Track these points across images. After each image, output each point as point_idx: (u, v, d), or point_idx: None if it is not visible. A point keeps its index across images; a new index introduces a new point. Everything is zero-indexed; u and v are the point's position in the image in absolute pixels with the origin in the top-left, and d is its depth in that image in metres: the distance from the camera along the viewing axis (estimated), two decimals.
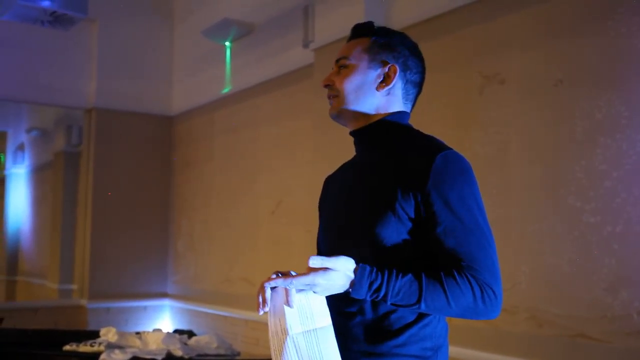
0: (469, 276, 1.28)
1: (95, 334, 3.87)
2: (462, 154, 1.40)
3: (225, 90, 5.22)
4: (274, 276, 1.30)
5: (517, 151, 2.90)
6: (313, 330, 1.26)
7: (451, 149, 1.37)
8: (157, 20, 5.99)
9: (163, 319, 5.89)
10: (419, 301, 1.27)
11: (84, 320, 5.52)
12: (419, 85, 1.53)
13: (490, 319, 1.33)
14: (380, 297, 1.28)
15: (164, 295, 5.93)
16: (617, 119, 2.50)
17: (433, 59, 3.32)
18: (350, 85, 1.46)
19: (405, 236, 1.34)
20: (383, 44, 1.48)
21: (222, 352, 3.71)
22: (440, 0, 3.30)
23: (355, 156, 1.58)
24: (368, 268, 1.28)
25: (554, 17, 2.80)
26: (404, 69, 1.48)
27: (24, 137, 9.30)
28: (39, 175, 8.91)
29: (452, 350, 3.01)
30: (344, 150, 1.63)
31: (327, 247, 1.51)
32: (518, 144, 2.90)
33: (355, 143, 1.54)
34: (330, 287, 1.27)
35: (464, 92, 3.16)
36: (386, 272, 1.28)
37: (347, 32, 1.57)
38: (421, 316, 1.36)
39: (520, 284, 2.83)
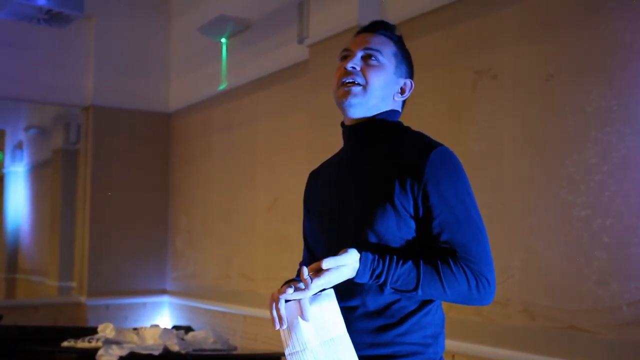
0: (464, 266, 1.34)
1: (93, 330, 3.89)
2: (456, 149, 1.44)
3: (222, 87, 5.23)
4: (289, 289, 1.29)
5: (509, 146, 2.92)
6: (330, 339, 1.29)
7: (444, 145, 1.42)
8: (154, 18, 6.00)
9: (162, 316, 5.92)
10: (416, 288, 1.33)
11: (83, 318, 5.55)
12: None
13: (484, 306, 1.40)
14: (380, 282, 1.34)
15: (163, 291, 5.96)
16: (607, 113, 2.52)
17: (426, 54, 3.35)
18: (379, 81, 1.47)
19: (404, 229, 1.38)
20: (405, 55, 1.54)
21: (218, 346, 3.73)
22: None
23: (342, 151, 1.60)
24: (370, 256, 1.33)
25: (545, 12, 2.82)
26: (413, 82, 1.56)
27: (22, 135, 9.32)
28: (38, 173, 8.93)
29: (449, 343, 3.03)
30: (340, 145, 1.64)
31: (324, 241, 1.52)
32: (510, 139, 2.92)
33: (346, 136, 1.55)
34: (339, 280, 1.32)
35: (457, 88, 3.18)
36: (387, 259, 1.34)
37: (341, 28, 1.59)
38: (422, 305, 1.41)
39: (513, 277, 2.85)
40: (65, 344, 3.66)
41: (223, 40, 5.16)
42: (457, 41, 3.22)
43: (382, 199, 1.39)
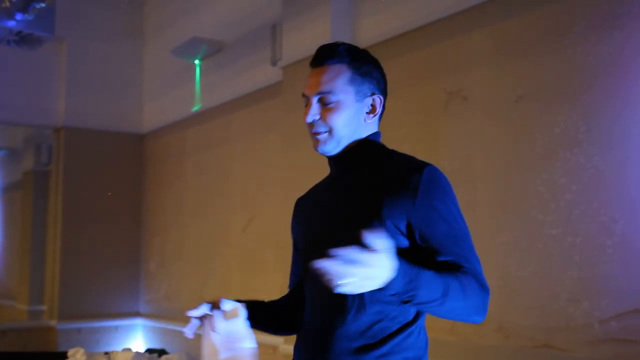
0: (472, 274, 1.33)
1: (63, 355, 3.82)
2: None
3: (196, 108, 5.23)
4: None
5: (481, 166, 2.96)
6: (240, 355, 1.35)
7: (432, 164, 1.43)
8: (127, 39, 5.98)
9: (135, 339, 5.83)
10: (444, 296, 1.25)
11: (54, 342, 5.44)
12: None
13: (479, 323, 1.38)
14: (410, 291, 1.21)
15: (136, 314, 5.87)
16: (574, 134, 2.57)
17: (399, 76, 3.39)
18: (341, 121, 1.44)
19: (398, 248, 1.34)
20: (364, 72, 1.48)
21: None
22: (405, 19, 3.36)
23: (329, 177, 1.59)
24: (404, 263, 1.21)
25: (514, 35, 2.88)
26: (384, 96, 1.52)
27: None
28: (8, 195, 8.79)
29: None
30: (314, 166, 1.64)
31: (308, 266, 1.49)
32: (482, 159, 2.96)
33: (331, 164, 1.54)
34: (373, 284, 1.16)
35: (429, 108, 3.22)
36: (415, 267, 1.23)
37: (314, 50, 1.52)
38: (404, 327, 1.38)
39: None
40: None
41: (197, 61, 5.16)
42: (428, 63, 3.27)
43: (372, 220, 1.37)
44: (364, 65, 1.48)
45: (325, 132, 1.45)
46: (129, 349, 3.85)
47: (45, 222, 6.66)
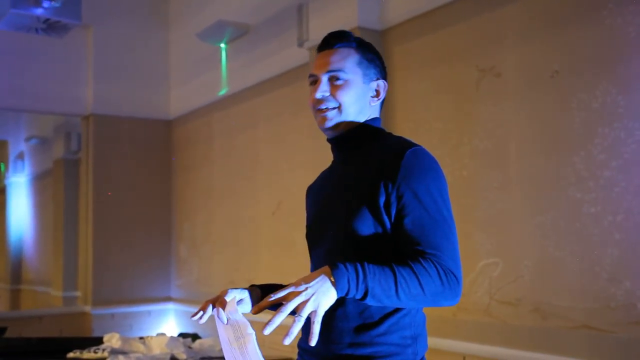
0: (434, 261, 1.34)
1: (99, 340, 3.86)
2: (461, 148, 1.42)
3: (222, 92, 5.21)
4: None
5: (516, 144, 2.89)
6: (247, 341, 1.42)
7: (420, 146, 1.46)
8: (152, 25, 5.98)
9: (168, 323, 5.89)
10: (396, 290, 1.30)
11: (88, 327, 5.52)
12: None
13: (452, 305, 1.38)
14: (360, 284, 1.29)
15: (168, 299, 5.93)
16: (614, 109, 2.49)
17: (429, 54, 3.32)
18: (350, 98, 1.51)
19: (380, 229, 1.41)
20: (370, 58, 1.56)
21: None
22: None
23: (333, 162, 1.66)
24: (341, 264, 1.31)
25: (549, 9, 2.79)
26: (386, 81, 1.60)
27: (23, 146, 9.30)
28: (40, 184, 8.91)
29: (459, 345, 3.02)
30: None
31: (314, 255, 1.59)
32: (517, 137, 2.89)
33: (333, 149, 1.62)
34: (322, 289, 1.28)
35: (461, 87, 3.15)
36: (358, 265, 1.31)
37: (342, 29, 1.59)
38: (400, 307, 1.42)
39: (524, 277, 2.82)
40: (71, 355, 3.63)
41: (222, 45, 5.13)
42: (459, 40, 3.19)
43: (360, 202, 1.43)
44: (370, 52, 1.57)
45: (335, 108, 1.51)
46: (164, 334, 3.87)
47: (76, 209, 6.75)
